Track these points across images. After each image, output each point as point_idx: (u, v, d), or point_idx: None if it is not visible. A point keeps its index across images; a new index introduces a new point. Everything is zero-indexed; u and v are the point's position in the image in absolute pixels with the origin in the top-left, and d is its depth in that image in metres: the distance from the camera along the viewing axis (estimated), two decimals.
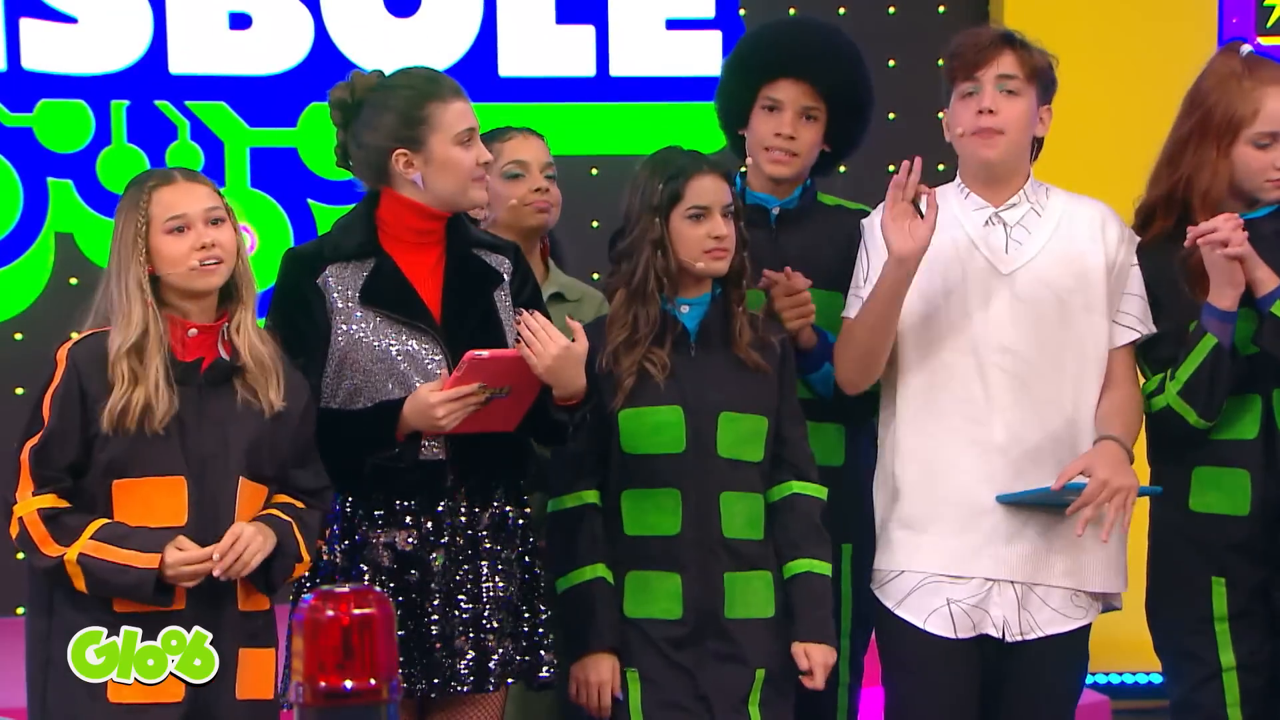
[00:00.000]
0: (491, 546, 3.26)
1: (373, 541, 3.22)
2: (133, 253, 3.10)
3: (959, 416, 3.47)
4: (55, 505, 3.05)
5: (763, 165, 3.64)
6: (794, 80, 3.61)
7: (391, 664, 2.36)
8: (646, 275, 3.37)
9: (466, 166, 3.26)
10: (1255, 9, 5.90)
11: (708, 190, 3.38)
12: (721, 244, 3.37)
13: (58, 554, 3.03)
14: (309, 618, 2.33)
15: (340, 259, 3.27)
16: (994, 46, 3.45)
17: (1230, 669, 3.48)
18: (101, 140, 5.94)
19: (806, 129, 3.62)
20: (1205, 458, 3.51)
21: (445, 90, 3.28)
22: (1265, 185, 3.49)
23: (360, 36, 5.96)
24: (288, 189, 6.00)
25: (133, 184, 3.19)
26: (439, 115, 3.26)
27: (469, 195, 3.30)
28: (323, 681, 2.31)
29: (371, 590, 2.41)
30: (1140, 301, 3.53)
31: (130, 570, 3.02)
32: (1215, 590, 3.50)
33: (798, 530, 3.44)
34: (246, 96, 5.96)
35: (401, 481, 3.22)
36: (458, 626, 3.22)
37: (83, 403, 3.06)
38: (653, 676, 3.37)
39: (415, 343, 3.23)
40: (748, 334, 3.41)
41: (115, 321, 3.09)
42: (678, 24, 6.00)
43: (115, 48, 5.93)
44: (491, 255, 3.35)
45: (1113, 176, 5.13)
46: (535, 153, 3.82)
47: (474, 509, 3.26)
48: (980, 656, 3.47)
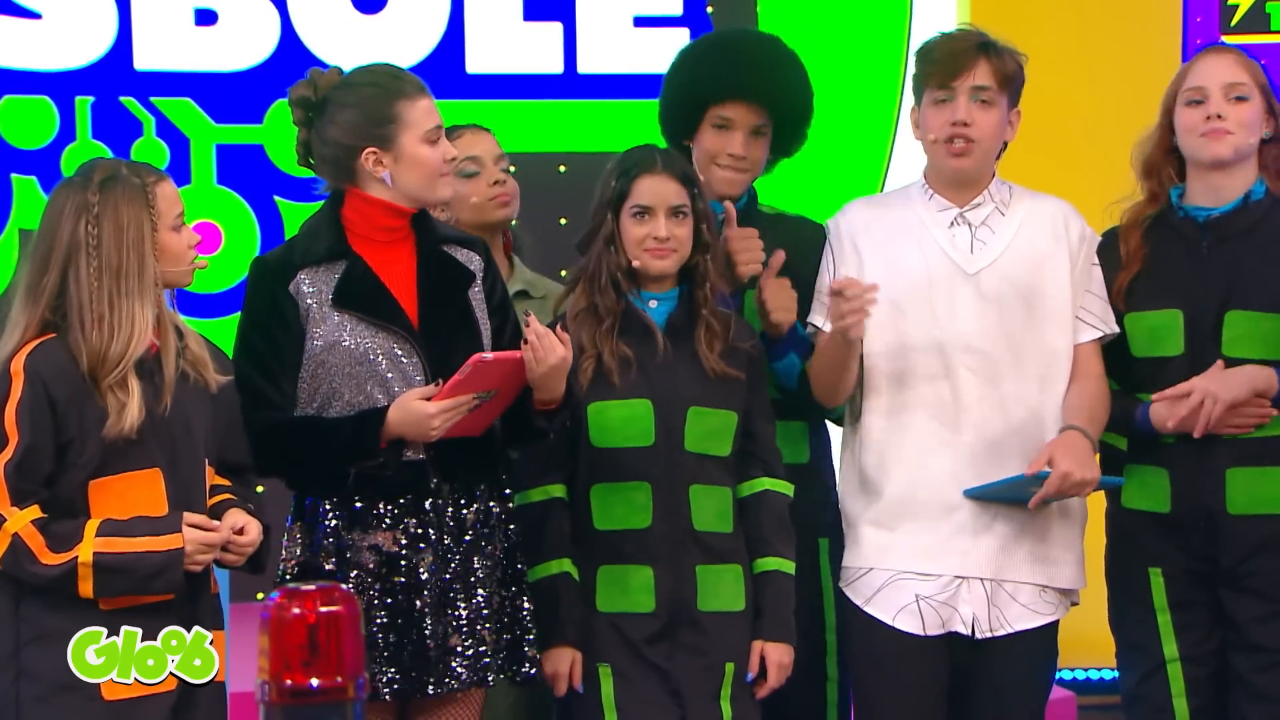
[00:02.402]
0: (478, 542, 3.26)
1: (358, 545, 3.20)
2: (148, 250, 3.03)
3: (926, 416, 3.49)
4: (40, 516, 2.99)
5: (713, 180, 3.62)
6: (745, 102, 3.61)
7: (358, 662, 2.35)
8: (600, 269, 3.40)
9: (435, 163, 3.26)
10: (1219, 8, 5.92)
11: (651, 191, 3.38)
12: (662, 245, 3.37)
13: (62, 560, 2.95)
14: (275, 615, 2.33)
15: (311, 263, 3.25)
16: (969, 56, 3.46)
17: (1174, 660, 3.52)
18: (66, 137, 5.91)
19: (756, 145, 3.63)
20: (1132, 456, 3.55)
21: (411, 88, 3.28)
22: (1199, 142, 3.51)
23: (327, 33, 5.93)
24: (254, 186, 5.97)
25: (117, 178, 3.07)
26: (408, 113, 3.25)
27: (437, 191, 3.30)
28: (288, 679, 2.31)
29: (338, 588, 2.40)
30: (1100, 301, 3.55)
31: (153, 556, 2.98)
32: (1154, 581, 3.54)
33: (769, 526, 3.45)
34: (212, 93, 5.93)
35: (384, 484, 3.20)
36: (450, 625, 3.21)
37: (53, 412, 2.99)
38: (625, 671, 3.37)
39: (392, 343, 3.22)
40: (717, 344, 3.41)
41: (107, 326, 2.99)
42: (645, 21, 6.00)
43: (80, 44, 5.88)
44: (461, 251, 3.34)
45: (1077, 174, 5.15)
46: (487, 147, 3.85)
47: (460, 506, 3.25)
48: (950, 654, 3.48)
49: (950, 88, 3.45)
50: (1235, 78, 3.49)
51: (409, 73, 3.35)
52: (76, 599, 3.00)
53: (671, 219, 3.39)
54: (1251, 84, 3.50)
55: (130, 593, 3.01)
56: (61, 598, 3.00)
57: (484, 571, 3.26)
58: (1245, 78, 3.50)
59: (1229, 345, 3.46)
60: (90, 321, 3.01)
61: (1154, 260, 3.54)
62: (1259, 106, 3.50)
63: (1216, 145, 3.48)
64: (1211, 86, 3.49)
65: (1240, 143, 3.48)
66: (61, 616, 3.01)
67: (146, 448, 3.04)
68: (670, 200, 3.39)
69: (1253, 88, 3.50)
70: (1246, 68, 3.52)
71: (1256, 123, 3.50)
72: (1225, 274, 3.49)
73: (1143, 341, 3.53)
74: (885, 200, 3.59)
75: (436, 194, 3.32)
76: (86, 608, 3.01)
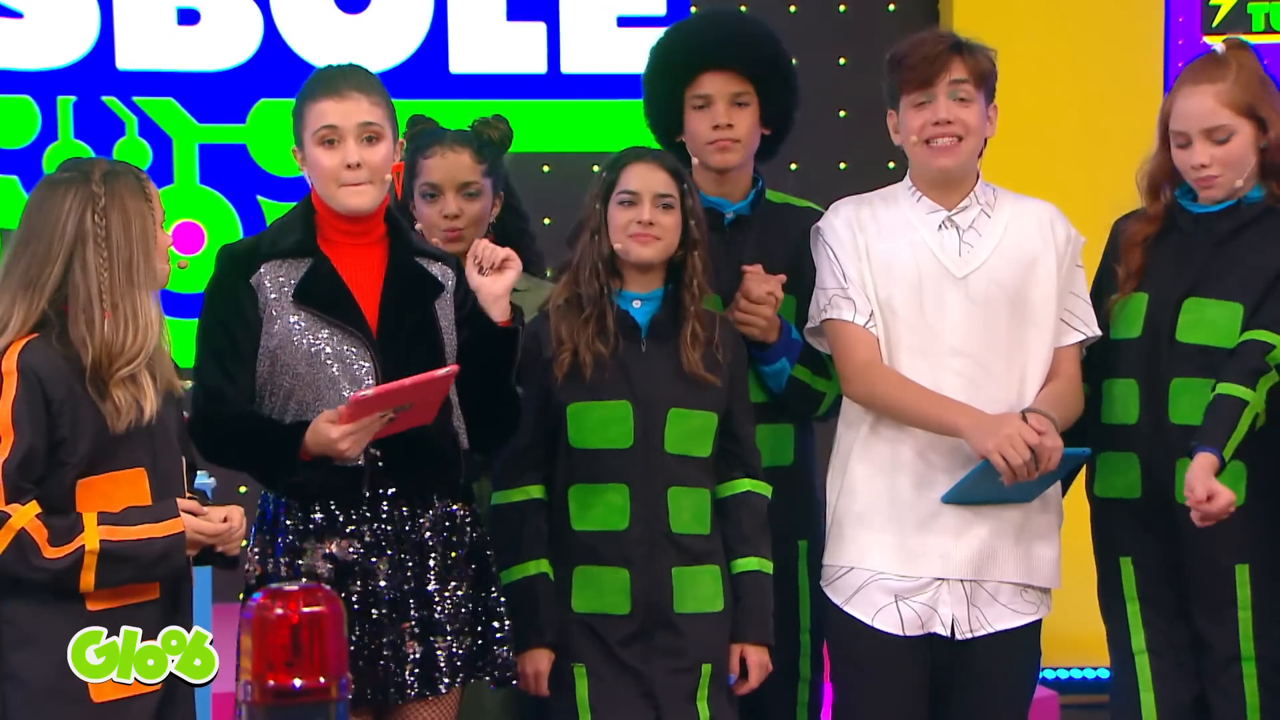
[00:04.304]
0: (437, 548, 3.24)
1: (313, 553, 3.18)
2: (152, 246, 3.02)
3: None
4: (40, 510, 2.96)
5: (707, 159, 3.63)
6: (717, 71, 3.61)
7: (341, 662, 2.35)
8: (583, 260, 3.41)
9: (324, 167, 3.18)
10: (1201, 8, 5.94)
11: (639, 176, 3.40)
12: (647, 230, 3.38)
13: (67, 551, 2.93)
14: (258, 616, 2.33)
15: (276, 256, 3.22)
16: (943, 57, 3.46)
17: (1141, 651, 3.54)
18: (48, 137, 5.89)
19: (741, 114, 3.62)
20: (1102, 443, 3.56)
21: (321, 88, 3.21)
22: (1195, 183, 3.53)
23: (310, 33, 5.92)
24: (237, 185, 5.96)
25: (117, 172, 3.06)
26: (307, 113, 3.21)
27: (336, 199, 3.20)
28: (271, 680, 2.31)
29: (320, 588, 2.40)
30: (1084, 303, 3.56)
31: (155, 541, 2.97)
32: (1124, 569, 3.56)
33: (749, 527, 3.45)
34: (195, 93, 5.91)
35: (331, 490, 3.18)
36: (405, 633, 3.19)
37: (48, 411, 2.98)
38: (600, 673, 3.37)
39: (345, 345, 3.19)
40: (700, 346, 3.41)
41: (120, 317, 2.98)
42: (629, 21, 6.00)
43: (62, 43, 5.87)
44: (435, 264, 3.31)
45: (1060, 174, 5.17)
46: (449, 172, 3.63)
47: (415, 512, 3.22)
48: (930, 655, 3.48)
49: (928, 90, 3.46)
50: (1215, 120, 3.46)
51: (342, 71, 3.25)
52: (60, 599, 2.99)
53: (657, 207, 3.39)
54: (1232, 117, 3.46)
55: (133, 580, 2.99)
56: (46, 598, 2.99)
57: (445, 576, 3.23)
58: (1224, 115, 3.45)
59: (1182, 330, 3.48)
60: (100, 313, 2.99)
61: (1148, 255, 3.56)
62: (1245, 136, 3.47)
63: (1209, 193, 3.51)
64: (1193, 132, 3.48)
65: (1234, 182, 3.49)
66: (47, 617, 2.99)
67: (132, 447, 3.03)
68: (656, 188, 3.40)
69: (1234, 121, 3.46)
70: (1226, 98, 3.46)
71: (1245, 154, 3.48)
72: (1201, 264, 3.50)
73: (1116, 325, 3.55)
74: (873, 200, 3.59)
75: (336, 201, 3.20)
76: (71, 608, 2.99)
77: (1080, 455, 3.50)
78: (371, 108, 3.20)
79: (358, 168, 3.17)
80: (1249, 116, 3.47)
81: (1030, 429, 3.35)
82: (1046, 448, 3.35)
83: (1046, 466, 3.36)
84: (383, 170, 3.21)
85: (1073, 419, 3.51)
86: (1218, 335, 3.46)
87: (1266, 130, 3.48)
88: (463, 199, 3.64)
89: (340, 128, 3.18)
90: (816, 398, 3.63)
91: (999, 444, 3.33)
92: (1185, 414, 3.45)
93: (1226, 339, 3.45)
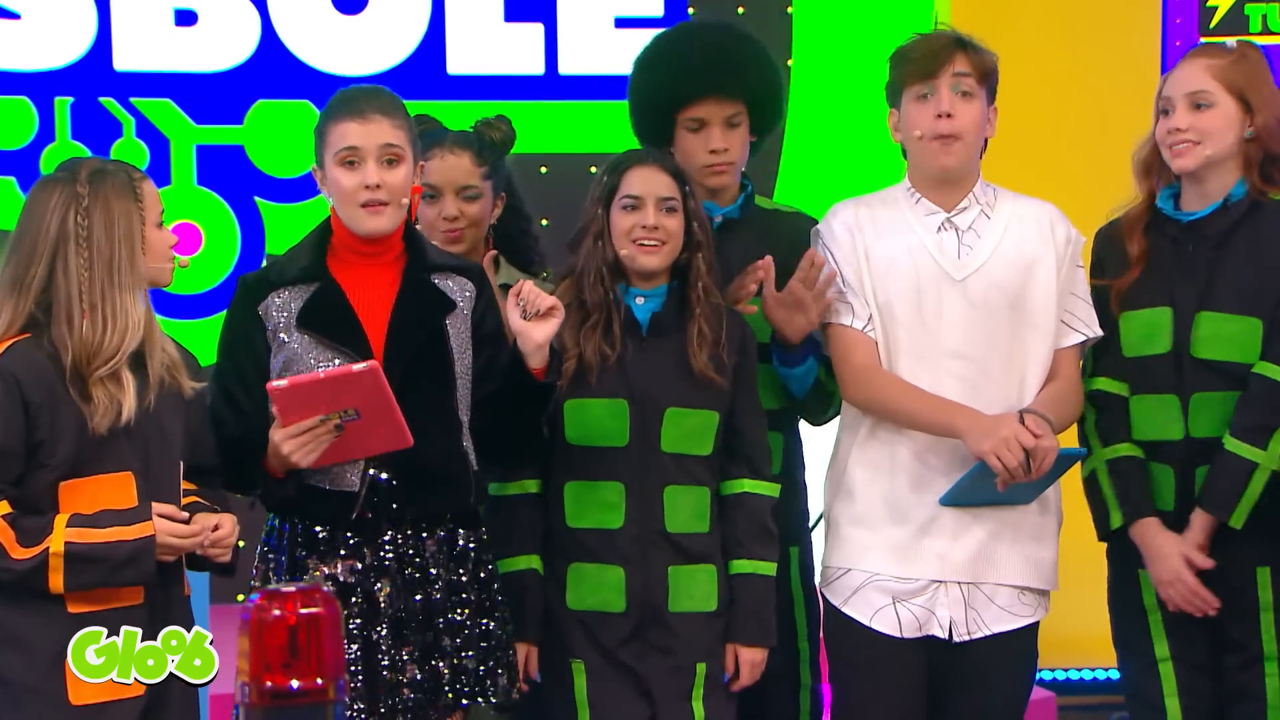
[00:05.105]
0: (440, 572, 3.24)
1: (314, 572, 3.18)
2: (138, 245, 3.02)
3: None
4: (9, 511, 2.97)
5: (703, 180, 3.61)
6: (713, 99, 3.59)
7: (338, 664, 2.35)
8: (588, 265, 3.40)
9: (344, 187, 3.18)
10: (1198, 9, 5.94)
11: (641, 181, 3.39)
12: (651, 235, 3.37)
13: (33, 553, 2.94)
14: (255, 617, 2.32)
15: (286, 283, 3.23)
16: (947, 50, 3.46)
17: (1165, 659, 3.53)
18: (45, 138, 5.89)
19: (734, 136, 3.62)
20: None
21: (344, 109, 3.20)
22: (1168, 153, 3.51)
23: (308, 34, 5.93)
24: (235, 187, 5.97)
25: (105, 171, 3.06)
26: (329, 134, 3.21)
27: (355, 220, 3.20)
28: (269, 681, 2.30)
29: (318, 589, 2.40)
30: (1085, 304, 3.56)
31: (123, 545, 2.96)
32: (1144, 581, 3.55)
33: (745, 528, 3.45)
34: (192, 93, 5.92)
35: (328, 513, 3.18)
36: (405, 655, 3.19)
37: (25, 413, 2.98)
38: (596, 670, 3.38)
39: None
40: (707, 346, 3.40)
41: (99, 317, 2.98)
42: (626, 22, 6.00)
43: (59, 44, 5.87)
44: (452, 279, 3.28)
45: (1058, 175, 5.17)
46: (449, 174, 3.62)
47: (420, 536, 3.22)
48: (927, 657, 3.48)
49: (931, 82, 3.45)
50: (1199, 85, 3.47)
51: (374, 94, 3.26)
52: (44, 600, 2.98)
53: (661, 210, 3.39)
54: (1218, 88, 3.46)
55: (100, 584, 2.98)
56: (29, 599, 2.98)
57: (449, 600, 3.23)
58: (1209, 84, 3.46)
59: (1197, 346, 3.47)
60: (79, 313, 2.99)
61: (1150, 259, 3.55)
62: (1227, 111, 3.46)
63: (1179, 159, 3.49)
64: (1176, 96, 3.49)
65: (1205, 152, 3.47)
66: (28, 619, 2.99)
67: (120, 450, 3.03)
68: (660, 191, 3.39)
69: (1218, 92, 3.46)
70: (1217, 71, 3.47)
71: (1224, 128, 3.47)
72: (1202, 276, 3.50)
73: (1135, 340, 3.54)
74: (872, 202, 3.59)
75: (356, 222, 3.20)
76: (51, 610, 2.98)
77: (1076, 455, 3.50)
78: (394, 130, 3.20)
79: (377, 188, 3.17)
80: (1236, 97, 3.47)
81: (1027, 431, 3.35)
82: (1042, 449, 3.35)
83: (1041, 469, 3.36)
84: (402, 192, 3.20)
85: (1072, 420, 3.51)
86: (1235, 349, 3.46)
87: (1253, 117, 3.47)
88: (462, 201, 3.65)
89: (361, 149, 3.18)
90: (829, 396, 3.64)
91: (994, 446, 3.33)
92: (1205, 428, 3.46)
93: (1246, 354, 3.45)
